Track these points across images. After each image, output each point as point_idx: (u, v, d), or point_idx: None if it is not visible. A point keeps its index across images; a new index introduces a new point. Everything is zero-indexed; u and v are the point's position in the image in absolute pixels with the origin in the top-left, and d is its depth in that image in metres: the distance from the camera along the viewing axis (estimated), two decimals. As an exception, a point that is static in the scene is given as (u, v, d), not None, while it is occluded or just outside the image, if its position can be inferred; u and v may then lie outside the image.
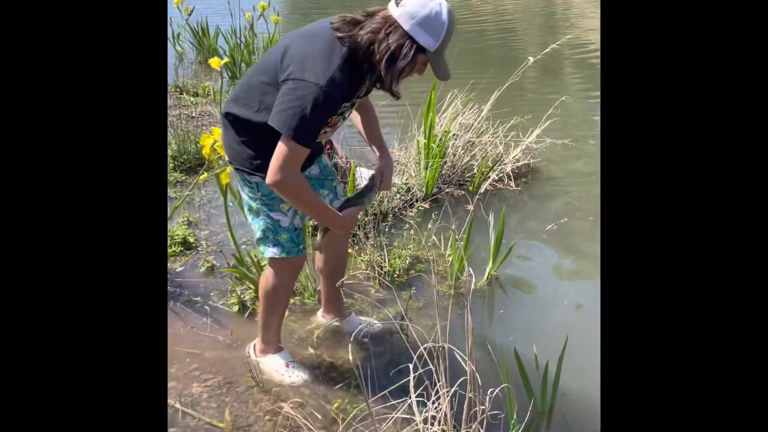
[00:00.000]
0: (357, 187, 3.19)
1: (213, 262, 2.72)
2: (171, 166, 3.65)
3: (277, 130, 1.62)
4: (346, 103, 1.70)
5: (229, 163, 1.88)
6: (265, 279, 1.98)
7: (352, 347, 2.20)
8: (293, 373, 2.07)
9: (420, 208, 3.34)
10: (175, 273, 2.68)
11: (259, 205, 1.86)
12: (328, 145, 3.26)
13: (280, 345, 2.12)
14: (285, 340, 2.24)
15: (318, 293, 2.48)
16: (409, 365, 1.49)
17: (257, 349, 2.14)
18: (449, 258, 2.72)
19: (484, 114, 3.84)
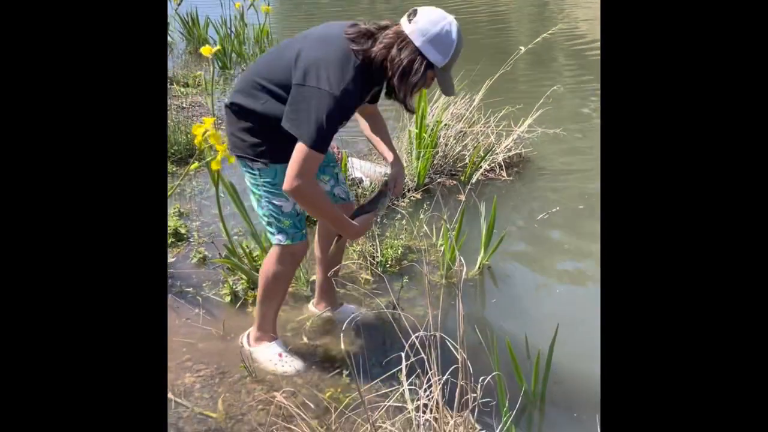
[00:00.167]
0: (349, 177, 3.19)
1: (205, 253, 2.72)
2: (162, 157, 3.63)
3: (292, 134, 1.69)
4: (355, 110, 1.80)
5: (231, 152, 1.91)
6: (267, 266, 2.00)
7: (344, 337, 2.22)
8: (287, 363, 2.07)
9: (412, 198, 3.34)
10: (167, 264, 2.67)
11: (262, 192, 1.90)
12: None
13: (274, 334, 2.13)
14: (278, 330, 2.24)
15: (311, 283, 2.48)
16: (401, 354, 1.49)
17: (252, 337, 2.14)
18: (441, 248, 2.73)
19: (475, 104, 3.84)
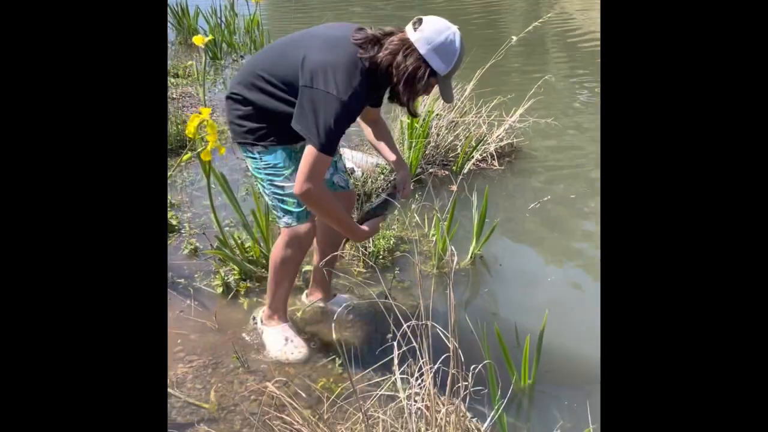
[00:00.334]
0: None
1: (196, 244, 2.71)
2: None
3: (303, 135, 1.75)
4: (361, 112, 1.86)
5: (233, 140, 1.96)
6: (276, 251, 2.03)
7: (336, 327, 2.22)
8: (293, 349, 2.09)
9: (404, 188, 3.33)
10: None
11: (264, 175, 1.93)
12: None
13: (285, 317, 2.16)
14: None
15: (302, 274, 2.48)
16: (393, 343, 1.50)
17: (264, 315, 2.17)
18: (433, 238, 2.73)
19: (467, 94, 3.84)
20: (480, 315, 2.37)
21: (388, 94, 1.87)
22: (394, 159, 2.12)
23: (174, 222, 2.88)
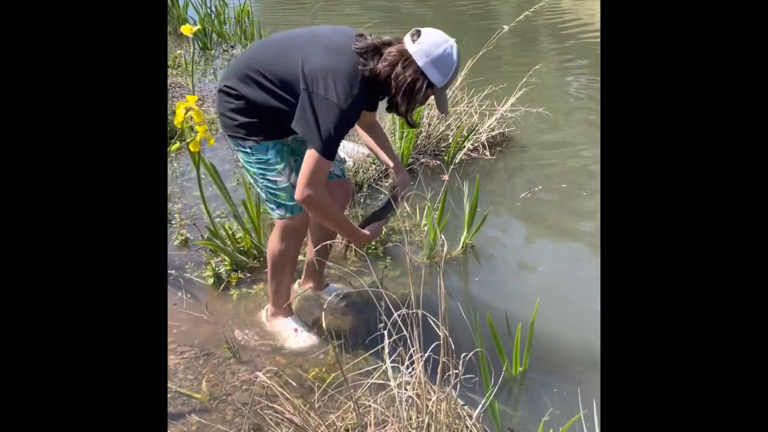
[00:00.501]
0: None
1: (187, 235, 2.70)
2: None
3: (303, 138, 1.79)
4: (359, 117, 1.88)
5: (223, 133, 1.96)
6: (272, 244, 2.04)
7: (327, 316, 2.22)
8: (302, 338, 2.12)
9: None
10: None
11: (255, 169, 1.93)
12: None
13: (290, 310, 2.17)
14: (259, 309, 2.25)
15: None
16: (384, 332, 1.50)
17: (269, 312, 2.19)
18: (425, 228, 2.73)
19: (458, 83, 3.83)
20: (471, 303, 2.38)
21: (386, 105, 1.89)
22: (391, 162, 2.15)
23: (164, 213, 2.87)
